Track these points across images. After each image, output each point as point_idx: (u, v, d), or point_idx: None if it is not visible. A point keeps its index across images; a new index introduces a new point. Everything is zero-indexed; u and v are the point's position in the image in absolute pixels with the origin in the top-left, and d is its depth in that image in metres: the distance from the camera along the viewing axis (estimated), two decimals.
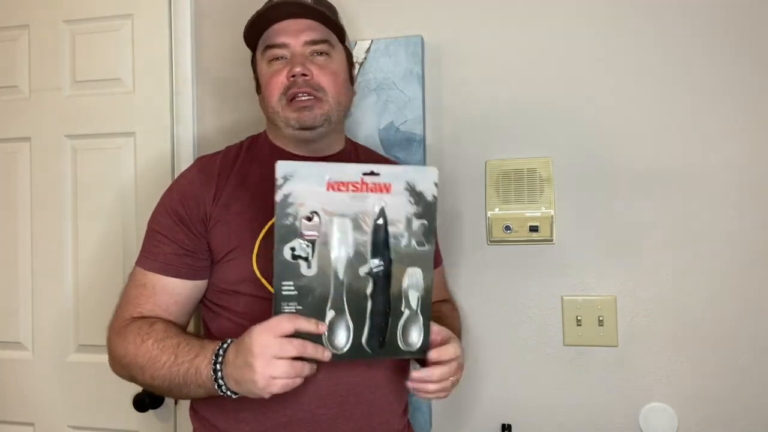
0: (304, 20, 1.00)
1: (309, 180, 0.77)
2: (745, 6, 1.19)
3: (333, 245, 0.80)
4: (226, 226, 0.96)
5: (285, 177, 0.77)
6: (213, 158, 1.05)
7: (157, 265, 0.96)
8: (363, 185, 0.79)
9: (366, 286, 0.82)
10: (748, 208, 1.18)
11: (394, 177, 0.80)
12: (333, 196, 0.78)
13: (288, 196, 0.77)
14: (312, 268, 0.79)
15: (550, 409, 1.25)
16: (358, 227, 0.80)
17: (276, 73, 0.99)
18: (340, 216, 0.79)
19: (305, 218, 0.78)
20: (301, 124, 0.98)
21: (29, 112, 1.49)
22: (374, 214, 0.80)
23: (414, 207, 0.81)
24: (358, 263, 0.81)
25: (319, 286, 0.80)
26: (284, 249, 0.78)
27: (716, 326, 1.19)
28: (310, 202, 0.78)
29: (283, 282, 0.78)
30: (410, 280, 0.83)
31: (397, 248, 0.82)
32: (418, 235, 0.82)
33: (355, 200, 0.79)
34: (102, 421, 1.43)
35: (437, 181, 0.82)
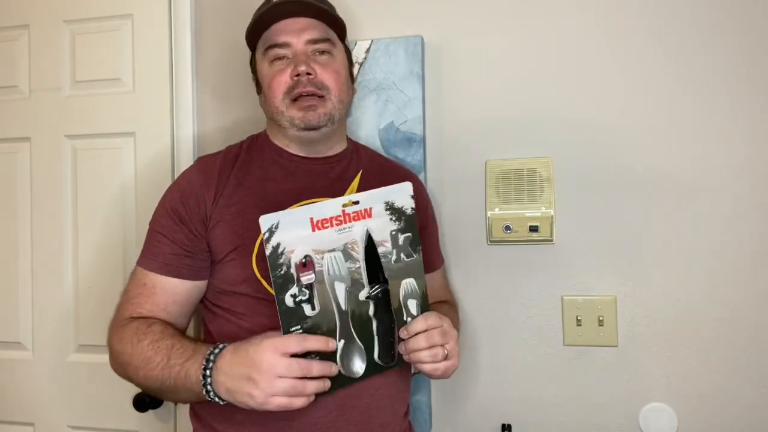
0: (304, 19, 0.99)
1: (294, 226, 0.80)
2: (746, 6, 1.19)
3: (330, 281, 0.83)
4: (226, 226, 0.96)
5: (270, 230, 0.78)
6: (213, 158, 1.04)
7: (157, 265, 0.96)
8: (345, 216, 0.82)
9: (368, 308, 0.85)
10: (748, 208, 1.18)
11: (372, 201, 0.84)
12: (320, 235, 0.81)
13: (277, 247, 0.79)
14: (315, 307, 0.82)
15: (550, 409, 1.25)
16: (350, 256, 0.83)
17: (279, 72, 0.99)
18: (330, 252, 0.82)
19: (300, 264, 0.80)
20: (306, 124, 0.98)
21: (29, 112, 1.49)
22: (362, 241, 0.83)
23: (396, 223, 0.85)
24: (356, 290, 0.84)
25: (325, 322, 0.83)
26: (286, 298, 0.80)
27: (716, 326, 1.19)
28: (299, 247, 0.80)
29: (291, 328, 0.81)
30: (406, 290, 0.87)
31: (388, 266, 0.86)
32: (405, 249, 0.87)
33: (341, 233, 0.82)
34: (102, 421, 1.43)
35: (412, 193, 0.87)
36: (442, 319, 0.91)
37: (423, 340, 0.87)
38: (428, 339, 0.87)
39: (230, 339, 0.95)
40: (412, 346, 0.87)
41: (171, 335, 0.90)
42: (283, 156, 1.05)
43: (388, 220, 0.85)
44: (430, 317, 0.89)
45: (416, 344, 0.87)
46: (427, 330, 0.88)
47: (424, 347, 0.87)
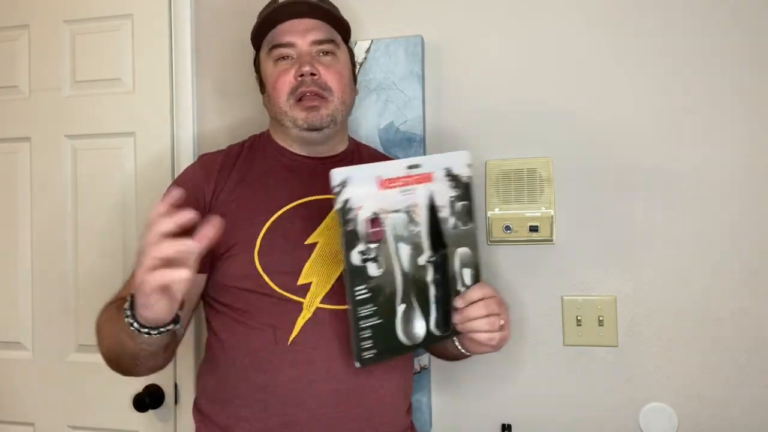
0: (309, 20, 1.00)
1: (363, 183, 0.79)
2: (747, 6, 1.19)
3: (394, 241, 0.82)
4: (227, 220, 0.96)
5: (342, 183, 0.78)
6: (215, 155, 1.06)
7: None
8: (409, 178, 0.82)
9: (426, 274, 0.85)
10: (749, 208, 1.18)
11: (433, 165, 0.83)
12: (386, 195, 0.80)
13: (347, 202, 0.78)
14: (381, 267, 0.82)
15: (550, 409, 1.25)
16: (412, 220, 0.83)
17: (283, 72, 1.00)
18: (394, 212, 0.81)
19: (369, 220, 0.80)
20: (309, 124, 0.99)
21: (29, 112, 1.49)
22: (424, 205, 0.83)
23: (454, 190, 0.85)
24: (416, 254, 0.84)
25: (387, 284, 0.83)
26: (353, 254, 0.80)
27: (716, 326, 1.19)
28: (367, 204, 0.80)
29: (356, 288, 0.80)
30: (461, 259, 0.87)
31: (447, 232, 0.86)
32: (461, 216, 0.86)
33: (405, 194, 0.82)
34: (102, 421, 1.43)
35: (470, 162, 0.86)
36: (495, 289, 0.90)
37: (482, 308, 0.86)
38: (486, 307, 0.86)
39: (233, 335, 0.96)
40: (470, 314, 0.86)
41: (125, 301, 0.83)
42: (285, 155, 1.05)
43: (447, 186, 0.85)
44: (485, 286, 0.88)
45: (474, 312, 0.86)
46: (483, 299, 0.86)
47: (482, 315, 0.85)
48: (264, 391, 0.93)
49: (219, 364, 0.97)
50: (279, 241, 0.96)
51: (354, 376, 0.93)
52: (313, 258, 0.96)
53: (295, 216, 0.98)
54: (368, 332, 0.81)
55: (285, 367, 0.92)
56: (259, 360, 0.93)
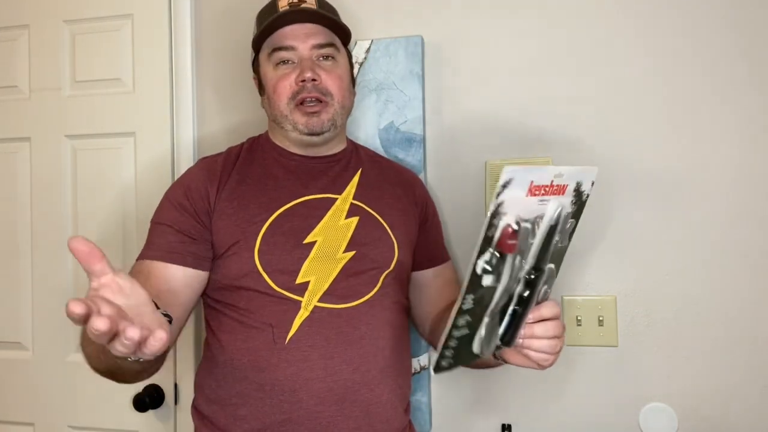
0: (310, 24, 1.01)
1: (519, 186, 0.69)
2: (746, 6, 1.19)
3: (513, 254, 0.74)
4: (228, 220, 0.97)
5: (506, 183, 0.67)
6: (215, 158, 1.07)
7: (160, 254, 0.95)
8: (551, 188, 0.73)
9: (518, 286, 0.77)
10: (748, 209, 1.18)
11: (571, 178, 0.75)
12: (528, 202, 0.72)
13: (501, 205, 0.69)
14: (498, 280, 0.74)
15: (550, 409, 1.25)
16: (533, 232, 0.75)
17: (284, 76, 1.00)
18: (525, 221, 0.73)
19: (511, 231, 0.71)
20: (310, 129, 1.00)
21: (29, 112, 1.49)
22: (550, 218, 0.75)
23: (573, 206, 0.78)
24: (520, 266, 0.76)
25: (488, 296, 0.75)
26: (479, 262, 0.71)
27: (716, 326, 1.19)
28: (512, 211, 0.71)
29: (466, 295, 0.72)
30: (546, 275, 0.79)
31: (553, 249, 0.78)
32: (566, 234, 0.79)
33: (540, 204, 0.73)
34: (102, 421, 1.43)
35: (594, 179, 0.78)
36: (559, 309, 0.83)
37: (549, 329, 0.80)
38: (555, 329, 0.80)
39: (231, 334, 0.96)
40: (537, 332, 0.80)
41: None
42: (283, 155, 1.06)
43: (569, 202, 0.76)
44: (556, 306, 0.81)
45: (542, 331, 0.80)
46: (552, 319, 0.80)
47: (548, 336, 0.80)
48: (262, 390, 0.93)
49: (217, 363, 0.98)
50: (278, 240, 0.96)
51: (351, 375, 0.93)
52: (312, 257, 0.96)
53: (294, 215, 0.99)
54: (454, 342, 0.75)
55: (283, 365, 0.92)
56: (257, 359, 0.93)
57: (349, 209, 1.02)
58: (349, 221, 1.01)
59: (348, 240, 0.99)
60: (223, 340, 0.97)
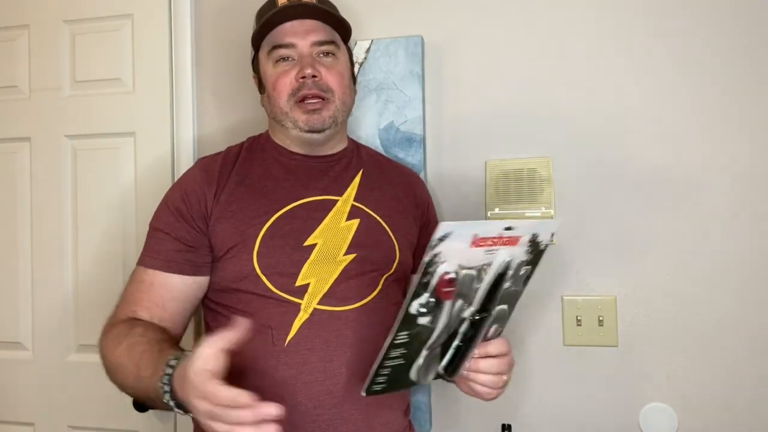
0: (310, 21, 1.00)
1: (459, 239, 0.73)
2: (747, 6, 1.19)
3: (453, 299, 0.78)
4: (226, 223, 0.96)
5: (442, 237, 0.71)
6: (214, 158, 1.05)
7: (158, 262, 0.96)
8: (499, 240, 0.77)
9: (462, 325, 0.82)
10: (748, 209, 1.18)
11: (526, 230, 0.78)
12: (472, 253, 0.76)
13: (436, 255, 0.73)
14: (434, 321, 0.78)
15: (550, 409, 1.25)
16: (479, 277, 0.79)
17: (284, 74, 0.99)
18: (468, 269, 0.77)
19: (447, 279, 0.75)
20: (310, 126, 0.99)
21: (29, 112, 1.49)
22: (499, 265, 0.79)
23: (528, 255, 0.81)
24: (464, 307, 0.80)
25: (425, 332, 0.79)
26: (414, 304, 0.75)
27: (716, 326, 1.19)
28: (452, 260, 0.75)
29: (401, 332, 0.77)
30: (497, 315, 0.84)
31: (500, 294, 0.82)
32: (519, 280, 0.83)
33: (487, 254, 0.77)
34: (102, 421, 1.43)
35: (555, 231, 0.82)
36: (509, 347, 0.89)
37: (494, 365, 0.86)
38: (498, 366, 0.86)
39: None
40: (481, 367, 0.86)
41: (147, 340, 0.86)
42: (284, 155, 1.05)
43: (524, 251, 0.81)
44: (504, 344, 0.87)
45: (486, 366, 0.86)
46: (498, 356, 0.86)
47: (492, 372, 0.86)
48: (260, 392, 0.92)
49: None
50: (278, 242, 0.95)
51: (350, 377, 0.93)
52: (312, 259, 0.95)
53: (294, 217, 0.98)
54: (387, 370, 0.79)
55: (282, 368, 0.92)
56: (255, 361, 0.93)
57: (350, 211, 1.01)
58: (350, 223, 1.00)
59: (349, 242, 0.98)
60: None
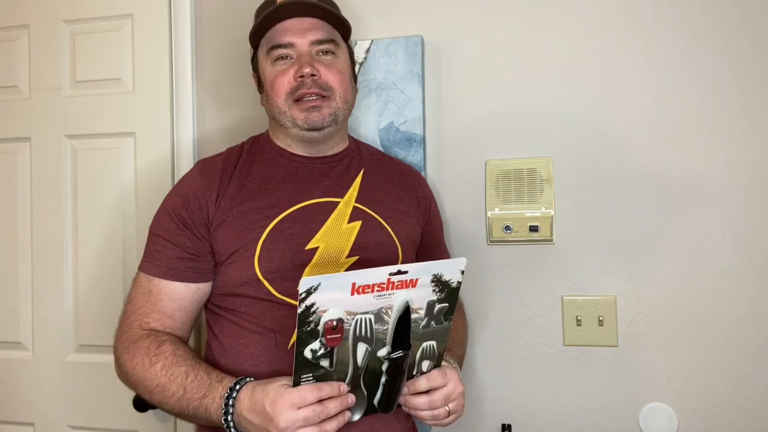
0: (308, 19, 0.99)
1: (333, 289, 0.75)
2: (746, 7, 1.19)
3: (353, 341, 0.80)
4: (228, 228, 0.96)
5: (308, 291, 0.74)
6: (214, 160, 1.04)
7: (161, 270, 0.96)
8: (389, 284, 0.78)
9: (382, 364, 0.83)
10: (748, 209, 1.18)
11: (421, 272, 0.80)
12: (357, 299, 0.77)
13: (310, 307, 0.75)
14: (333, 364, 0.80)
15: (550, 409, 1.25)
16: (380, 319, 0.80)
17: (282, 72, 0.99)
18: (362, 314, 0.79)
19: (330, 327, 0.77)
20: (310, 125, 0.98)
21: (29, 112, 1.49)
22: (398, 308, 0.80)
23: (437, 294, 0.82)
24: (377, 348, 0.82)
25: (337, 373, 0.81)
26: (305, 351, 0.78)
27: (716, 326, 1.19)
28: (333, 309, 0.76)
29: (302, 376, 0.79)
30: (424, 351, 0.86)
31: (415, 330, 0.83)
32: (437, 317, 0.84)
33: (379, 298, 0.79)
34: (102, 421, 1.43)
35: (464, 268, 0.82)
36: (447, 377, 0.89)
37: (425, 403, 0.87)
38: (429, 404, 0.87)
39: (233, 339, 0.95)
40: (413, 404, 0.88)
41: (184, 360, 0.89)
42: (284, 156, 1.04)
43: (430, 291, 0.81)
44: (434, 378, 0.87)
45: (418, 404, 0.87)
46: (429, 390, 0.87)
47: (424, 408, 0.87)
48: None
49: (219, 367, 0.97)
50: (279, 246, 0.95)
51: None
52: (314, 263, 0.95)
53: (295, 220, 0.97)
54: None
55: (284, 371, 0.91)
56: (258, 364, 0.93)
57: (352, 213, 1.01)
58: (351, 225, 1.00)
59: (351, 245, 0.98)
60: (225, 344, 0.96)
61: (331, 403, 0.79)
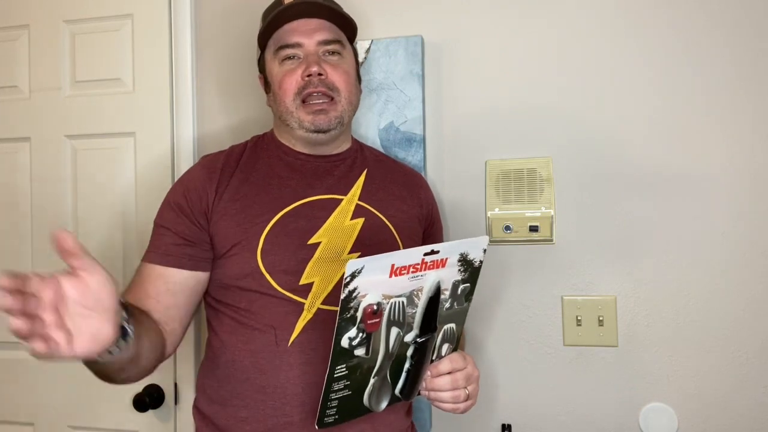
0: (315, 20, 1.01)
1: (375, 271, 0.74)
2: (744, 6, 1.19)
3: (387, 325, 0.80)
4: (230, 220, 0.96)
5: (353, 274, 0.73)
6: (217, 156, 1.06)
7: (157, 256, 0.96)
8: (423, 265, 0.78)
9: (407, 349, 0.83)
10: (748, 208, 1.18)
11: (451, 251, 0.80)
12: (394, 282, 0.77)
13: (353, 291, 0.74)
14: (369, 352, 0.80)
15: (550, 409, 1.25)
16: (411, 302, 0.80)
17: (290, 72, 1.00)
18: (397, 297, 0.79)
19: (371, 312, 0.77)
20: (316, 127, 0.99)
21: (29, 112, 1.49)
22: (429, 289, 0.80)
23: (462, 274, 0.83)
24: (405, 332, 0.82)
25: (367, 362, 0.81)
26: (343, 339, 0.77)
27: (716, 326, 1.19)
28: (373, 292, 0.76)
29: (337, 366, 0.78)
30: (445, 334, 0.86)
31: (440, 312, 0.84)
32: (459, 298, 0.85)
33: (413, 280, 0.79)
34: (102, 421, 1.43)
35: (486, 247, 0.83)
36: (467, 360, 0.91)
37: (447, 383, 0.88)
38: (452, 382, 0.88)
39: (233, 335, 0.95)
40: (436, 386, 0.88)
41: None
42: (288, 154, 1.05)
43: (456, 271, 0.82)
44: (455, 360, 0.89)
45: (441, 384, 0.88)
46: (451, 372, 0.88)
47: (447, 389, 0.88)
48: (263, 392, 0.93)
49: (219, 364, 0.97)
50: (282, 241, 0.95)
51: None
52: (316, 258, 0.95)
53: (298, 215, 0.98)
54: (335, 402, 0.81)
55: (285, 368, 0.92)
56: (259, 361, 0.93)
57: (355, 210, 1.01)
58: (354, 222, 1.00)
59: (353, 241, 0.99)
60: (225, 341, 0.97)
61: None
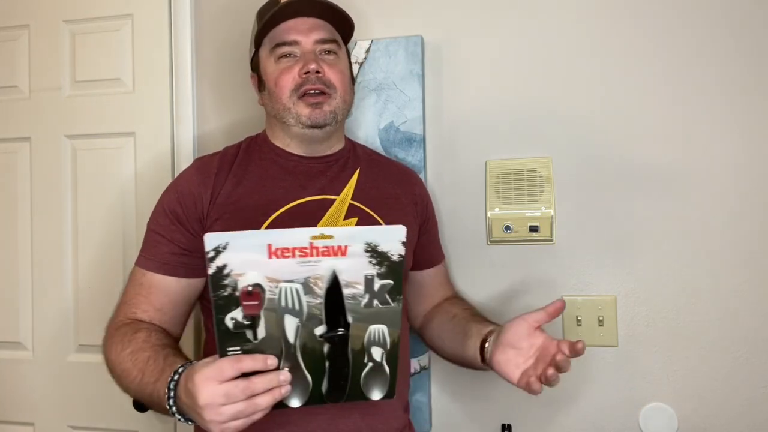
0: (312, 19, 1.01)
1: (246, 249, 0.72)
2: (745, 6, 1.19)
3: (281, 312, 0.76)
4: (224, 224, 0.96)
5: (216, 249, 0.71)
6: (211, 158, 1.05)
7: (154, 264, 0.97)
8: (312, 249, 0.75)
9: (322, 347, 0.79)
10: (748, 208, 1.18)
11: (350, 239, 0.76)
12: (278, 264, 0.74)
13: (222, 268, 0.72)
14: (259, 334, 0.76)
15: (550, 409, 1.25)
16: (311, 290, 0.76)
17: (287, 69, 0.99)
18: (287, 282, 0.75)
19: (245, 292, 0.74)
20: (313, 121, 0.99)
21: (29, 112, 1.49)
22: (327, 279, 0.76)
23: (375, 268, 0.77)
24: (312, 325, 0.78)
25: (268, 349, 0.77)
26: (226, 319, 0.74)
27: (716, 326, 1.19)
28: (251, 273, 0.73)
29: (228, 348, 0.75)
30: (372, 336, 0.81)
31: (356, 309, 0.79)
32: (380, 295, 0.79)
33: (303, 266, 0.75)
34: (102, 421, 1.43)
35: (404, 239, 0.77)
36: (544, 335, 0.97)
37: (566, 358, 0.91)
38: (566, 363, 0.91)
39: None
40: (564, 366, 0.92)
41: (151, 345, 0.88)
42: (281, 155, 1.05)
43: (365, 263, 0.77)
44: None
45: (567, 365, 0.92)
46: None
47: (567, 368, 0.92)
48: None
49: None
50: None
51: None
52: None
53: (291, 217, 0.98)
54: None
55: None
56: None
57: (348, 210, 1.01)
58: (347, 222, 1.00)
59: None
60: None
61: (257, 378, 0.73)
